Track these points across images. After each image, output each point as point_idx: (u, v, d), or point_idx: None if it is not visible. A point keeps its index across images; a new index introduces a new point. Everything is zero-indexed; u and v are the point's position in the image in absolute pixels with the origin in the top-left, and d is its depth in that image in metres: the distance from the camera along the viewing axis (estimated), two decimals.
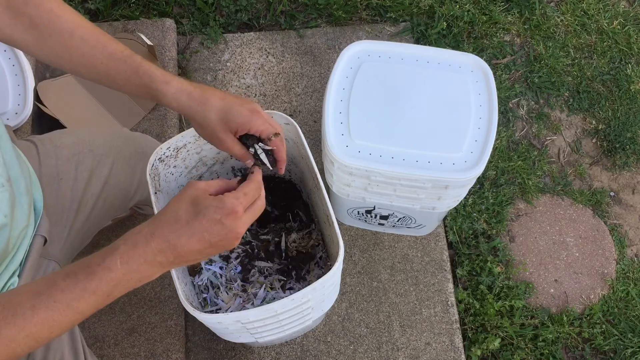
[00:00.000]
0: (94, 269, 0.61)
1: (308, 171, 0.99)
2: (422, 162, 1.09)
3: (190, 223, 0.64)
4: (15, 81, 1.41)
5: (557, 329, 1.45)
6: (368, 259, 1.46)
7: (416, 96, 1.15)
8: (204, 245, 0.64)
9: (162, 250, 0.63)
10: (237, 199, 0.65)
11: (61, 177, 0.95)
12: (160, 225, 0.64)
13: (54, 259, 0.92)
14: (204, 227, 0.64)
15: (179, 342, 1.33)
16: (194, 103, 0.78)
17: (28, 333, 0.58)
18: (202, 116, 0.78)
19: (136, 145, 1.12)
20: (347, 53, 1.19)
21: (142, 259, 0.63)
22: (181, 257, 0.64)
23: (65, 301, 0.59)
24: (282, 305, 0.83)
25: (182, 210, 0.65)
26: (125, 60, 0.78)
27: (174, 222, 0.64)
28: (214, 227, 0.64)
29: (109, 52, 0.78)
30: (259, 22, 1.78)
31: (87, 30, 0.78)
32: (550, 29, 1.81)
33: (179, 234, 0.63)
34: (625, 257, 1.57)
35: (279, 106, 1.64)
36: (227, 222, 0.64)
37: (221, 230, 0.64)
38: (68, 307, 0.60)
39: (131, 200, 1.12)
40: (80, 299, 0.60)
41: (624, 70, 1.77)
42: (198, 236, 0.64)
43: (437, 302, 1.42)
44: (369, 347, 1.37)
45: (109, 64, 0.78)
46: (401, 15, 1.78)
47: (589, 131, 1.72)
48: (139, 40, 1.58)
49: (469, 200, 1.56)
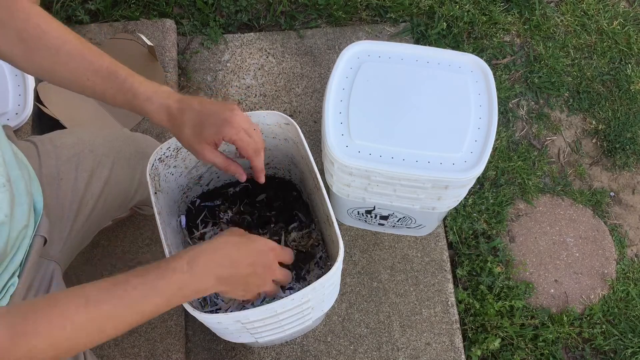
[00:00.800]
0: (163, 271, 0.66)
1: (308, 171, 0.99)
2: (422, 162, 1.09)
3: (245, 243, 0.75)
4: (15, 81, 1.42)
5: (557, 329, 1.45)
6: (368, 259, 1.46)
7: (416, 96, 1.15)
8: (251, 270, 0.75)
9: (222, 265, 0.71)
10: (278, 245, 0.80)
11: (61, 178, 0.96)
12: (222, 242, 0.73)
13: (54, 260, 0.92)
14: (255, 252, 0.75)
15: (179, 342, 1.33)
16: (172, 119, 0.79)
17: (97, 324, 0.62)
18: (178, 131, 0.79)
19: (136, 146, 1.12)
20: (347, 53, 1.19)
21: (206, 268, 0.69)
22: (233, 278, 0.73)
23: (134, 298, 0.64)
24: (282, 305, 0.83)
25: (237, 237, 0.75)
26: (109, 77, 0.78)
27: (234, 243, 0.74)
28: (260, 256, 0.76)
29: (94, 68, 0.78)
30: (259, 23, 1.78)
31: (74, 46, 0.78)
32: (550, 29, 1.81)
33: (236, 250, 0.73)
34: (625, 257, 1.57)
35: (279, 106, 1.64)
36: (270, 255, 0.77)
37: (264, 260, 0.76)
38: (135, 305, 0.65)
39: (131, 200, 1.12)
40: (148, 298, 0.65)
41: (624, 71, 1.77)
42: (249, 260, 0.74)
43: (437, 302, 1.42)
44: (369, 347, 1.37)
45: (95, 80, 0.79)
46: (401, 16, 1.78)
47: (589, 131, 1.72)
48: (139, 40, 1.58)
49: (469, 200, 1.56)
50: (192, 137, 0.79)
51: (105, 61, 0.79)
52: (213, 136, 0.78)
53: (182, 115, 0.78)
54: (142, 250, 1.41)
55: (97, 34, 1.64)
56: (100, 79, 0.78)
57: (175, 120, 0.79)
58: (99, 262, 1.38)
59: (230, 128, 0.78)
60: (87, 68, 0.78)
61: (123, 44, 1.59)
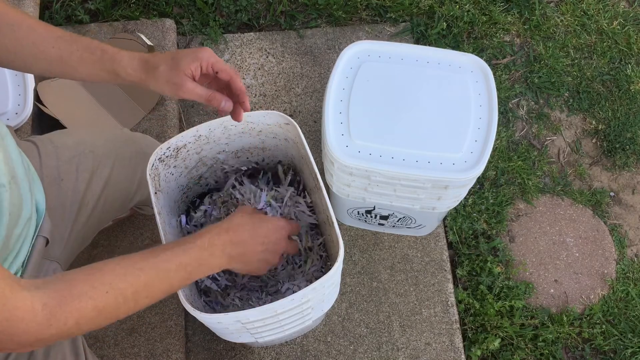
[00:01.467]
0: (188, 247, 0.74)
1: (308, 171, 0.99)
2: (422, 162, 1.09)
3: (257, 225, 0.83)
4: (15, 81, 1.42)
5: (557, 329, 1.45)
6: (368, 259, 1.46)
7: (416, 96, 1.15)
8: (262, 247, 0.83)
9: (234, 243, 0.79)
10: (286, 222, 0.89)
11: (62, 178, 0.96)
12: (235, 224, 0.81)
13: (56, 260, 0.92)
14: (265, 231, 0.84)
15: (179, 342, 1.33)
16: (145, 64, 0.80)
17: (134, 291, 0.67)
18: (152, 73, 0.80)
19: (136, 146, 1.12)
20: (347, 53, 1.19)
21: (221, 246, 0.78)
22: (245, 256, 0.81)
23: (165, 269, 0.71)
24: (282, 305, 0.83)
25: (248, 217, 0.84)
26: (75, 40, 0.79)
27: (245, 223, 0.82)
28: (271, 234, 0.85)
29: (58, 35, 0.79)
30: (258, 23, 1.78)
31: (34, 21, 0.79)
32: (550, 29, 1.81)
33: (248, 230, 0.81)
34: (625, 257, 1.57)
35: (279, 106, 1.64)
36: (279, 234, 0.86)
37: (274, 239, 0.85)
38: (166, 276, 0.71)
39: (132, 200, 1.12)
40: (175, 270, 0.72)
41: (623, 71, 1.77)
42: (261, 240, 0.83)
43: (437, 302, 1.42)
44: (369, 347, 1.37)
45: (61, 46, 0.79)
46: (401, 16, 1.78)
47: (588, 131, 1.72)
48: (139, 40, 1.58)
49: (469, 200, 1.56)
50: (169, 72, 0.79)
51: (66, 31, 0.81)
52: (190, 64, 0.79)
53: (154, 57, 0.80)
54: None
55: (97, 34, 1.64)
56: (65, 43, 0.79)
57: (148, 63, 0.79)
58: None
59: (205, 52, 0.81)
60: (51, 36, 0.79)
61: (123, 44, 1.59)
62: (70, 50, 0.79)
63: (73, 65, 0.80)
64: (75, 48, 0.79)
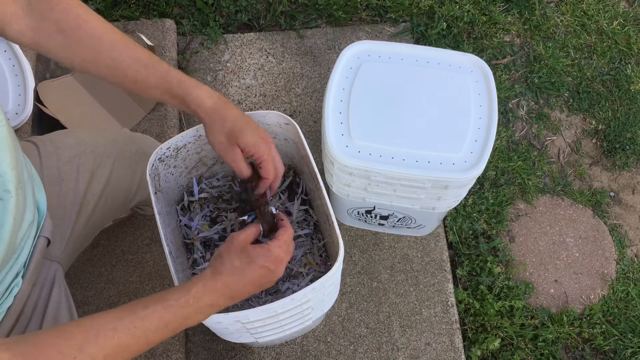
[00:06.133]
0: (171, 304, 0.69)
1: (308, 171, 0.99)
2: (422, 162, 1.09)
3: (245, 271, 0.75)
4: (15, 81, 1.42)
5: (557, 329, 1.45)
6: (368, 259, 1.46)
7: (416, 96, 1.15)
8: (254, 288, 0.76)
9: (224, 295, 0.73)
10: (281, 248, 0.78)
11: (62, 178, 0.95)
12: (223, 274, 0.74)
13: (56, 260, 0.92)
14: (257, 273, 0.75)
15: (179, 342, 1.33)
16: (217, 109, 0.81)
17: (106, 354, 0.63)
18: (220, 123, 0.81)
19: (136, 146, 1.12)
20: (347, 53, 1.19)
21: (209, 301, 0.72)
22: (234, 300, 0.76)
23: (143, 328, 0.66)
24: (282, 305, 0.83)
25: (237, 261, 0.75)
26: (154, 66, 0.80)
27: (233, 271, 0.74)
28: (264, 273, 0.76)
29: (136, 56, 0.79)
30: (259, 23, 1.78)
31: (115, 36, 0.79)
32: (550, 29, 1.81)
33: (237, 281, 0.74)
34: (625, 257, 1.57)
35: (279, 106, 1.64)
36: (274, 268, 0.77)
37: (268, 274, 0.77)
38: (143, 335, 0.66)
39: (132, 200, 1.12)
40: (155, 328, 0.67)
41: (623, 71, 1.77)
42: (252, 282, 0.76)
43: (437, 302, 1.42)
44: (369, 348, 1.37)
45: (138, 68, 0.79)
46: (401, 16, 1.79)
47: (588, 131, 1.72)
48: (139, 40, 1.58)
49: (469, 200, 1.56)
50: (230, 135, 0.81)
51: (147, 52, 0.81)
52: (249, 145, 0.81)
53: (227, 109, 0.81)
54: (142, 250, 1.41)
55: None
56: (142, 66, 0.79)
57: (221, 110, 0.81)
58: (98, 262, 1.38)
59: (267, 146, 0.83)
60: (129, 56, 0.79)
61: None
62: (147, 74, 0.80)
63: (146, 89, 0.81)
64: (151, 73, 0.79)
